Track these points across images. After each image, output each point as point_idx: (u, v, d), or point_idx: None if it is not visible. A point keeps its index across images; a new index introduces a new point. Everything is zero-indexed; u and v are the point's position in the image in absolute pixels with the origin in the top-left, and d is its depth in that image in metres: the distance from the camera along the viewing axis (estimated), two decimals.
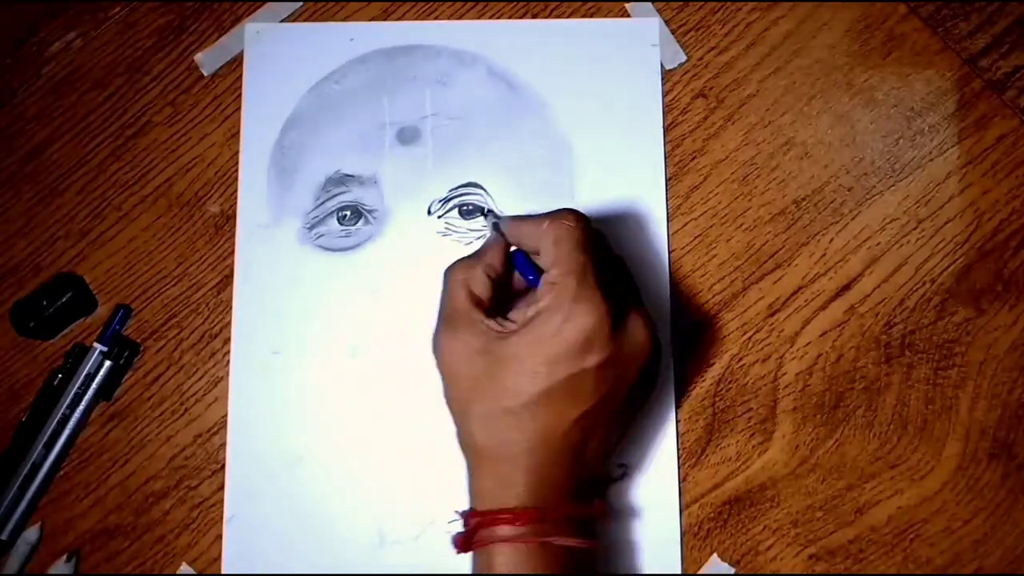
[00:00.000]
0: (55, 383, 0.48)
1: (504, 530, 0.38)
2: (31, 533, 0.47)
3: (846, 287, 0.49)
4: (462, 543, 0.40)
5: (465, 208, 0.49)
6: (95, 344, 0.48)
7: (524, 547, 0.38)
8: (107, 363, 0.48)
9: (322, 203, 0.49)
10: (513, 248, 0.43)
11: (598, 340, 0.38)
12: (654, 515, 0.47)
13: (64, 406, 0.47)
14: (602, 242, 0.45)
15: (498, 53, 0.51)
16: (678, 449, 0.47)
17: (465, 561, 0.45)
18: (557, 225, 0.40)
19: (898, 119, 0.50)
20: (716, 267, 0.49)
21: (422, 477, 0.47)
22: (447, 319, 0.41)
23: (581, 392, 0.39)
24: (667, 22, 0.51)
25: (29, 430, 0.47)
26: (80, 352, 0.48)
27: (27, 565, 0.47)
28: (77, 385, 0.48)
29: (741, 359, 0.48)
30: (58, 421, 0.47)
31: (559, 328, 0.38)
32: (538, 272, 0.41)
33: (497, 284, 0.42)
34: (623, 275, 0.46)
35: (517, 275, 0.43)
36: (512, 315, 0.41)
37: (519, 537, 0.38)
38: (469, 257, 0.43)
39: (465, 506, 0.41)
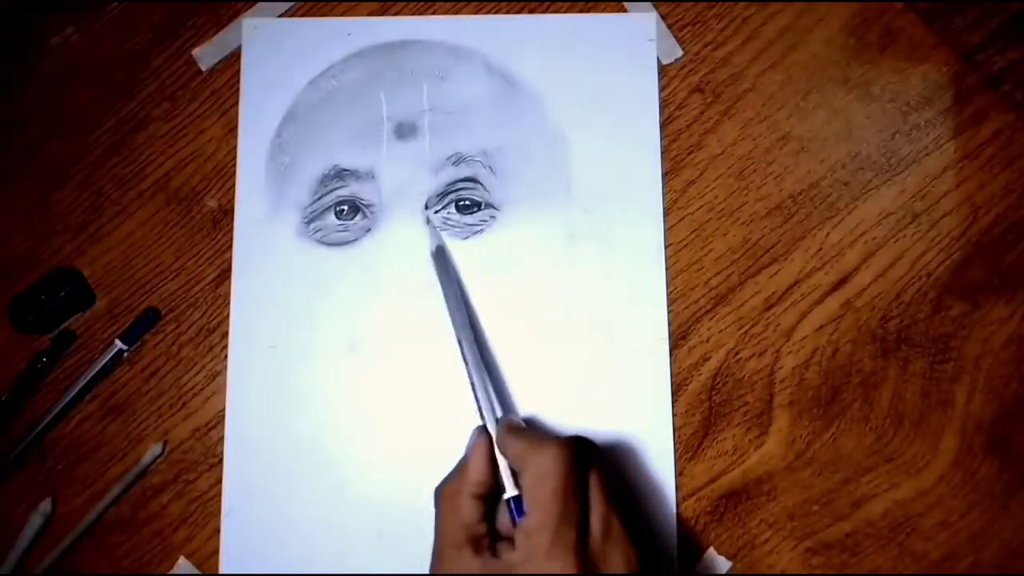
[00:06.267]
0: (39, 366, 0.48)
1: None
2: (45, 505, 0.47)
3: (842, 281, 0.49)
4: None
5: (462, 203, 0.49)
6: (116, 341, 0.48)
7: None
8: (107, 357, 0.48)
9: (320, 198, 0.49)
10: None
11: None
12: (650, 509, 0.47)
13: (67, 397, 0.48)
14: (597, 463, 0.40)
15: (495, 48, 0.51)
16: (674, 443, 0.47)
17: None
18: (540, 459, 0.38)
19: (894, 114, 0.50)
20: (712, 261, 0.49)
21: (421, 473, 0.47)
22: (438, 555, 0.40)
23: None
24: (664, 17, 0.51)
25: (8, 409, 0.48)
26: (66, 339, 0.48)
27: (40, 537, 0.47)
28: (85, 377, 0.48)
29: (737, 353, 0.48)
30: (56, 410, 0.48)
31: None
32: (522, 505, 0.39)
33: (487, 498, 0.40)
34: (621, 500, 0.41)
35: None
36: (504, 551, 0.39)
37: None
38: (455, 475, 0.41)
39: None
